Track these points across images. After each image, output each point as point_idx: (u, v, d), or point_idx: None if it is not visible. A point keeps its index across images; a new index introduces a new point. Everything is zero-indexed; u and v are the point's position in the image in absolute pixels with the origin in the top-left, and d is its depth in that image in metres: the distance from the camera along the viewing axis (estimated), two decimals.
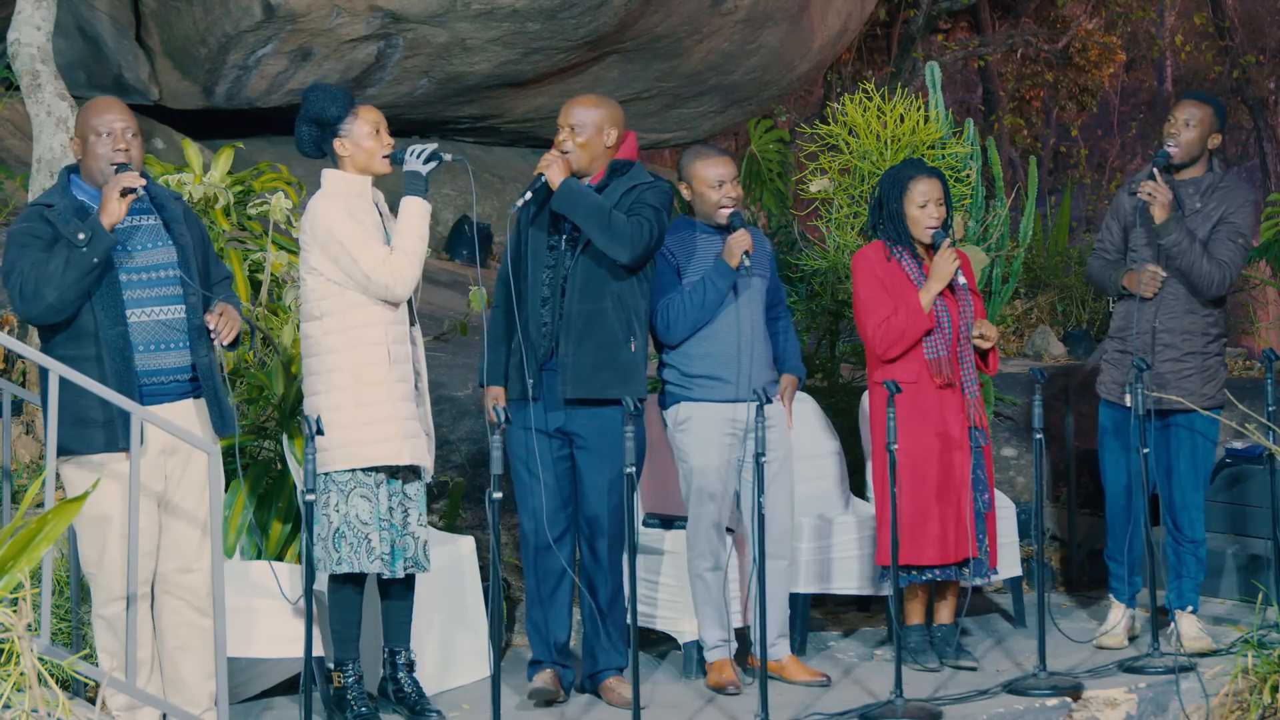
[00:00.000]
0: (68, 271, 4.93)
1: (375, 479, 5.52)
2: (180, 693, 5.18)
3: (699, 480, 6.04)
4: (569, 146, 5.85)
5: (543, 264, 5.85)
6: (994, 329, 6.36)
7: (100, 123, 5.12)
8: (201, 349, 5.15)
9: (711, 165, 6.07)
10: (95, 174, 5.13)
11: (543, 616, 5.92)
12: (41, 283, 4.94)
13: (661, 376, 6.16)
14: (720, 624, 6.11)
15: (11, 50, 7.31)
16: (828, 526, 6.62)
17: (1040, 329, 10.87)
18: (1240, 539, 7.32)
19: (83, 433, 4.97)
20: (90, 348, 5.02)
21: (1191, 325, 6.44)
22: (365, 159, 5.58)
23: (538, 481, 5.84)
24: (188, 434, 4.99)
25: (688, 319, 6.00)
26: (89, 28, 10.48)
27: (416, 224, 5.53)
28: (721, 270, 5.98)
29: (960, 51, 19.23)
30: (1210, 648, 6.35)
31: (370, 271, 5.45)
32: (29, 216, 5.11)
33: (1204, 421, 6.41)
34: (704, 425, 6.03)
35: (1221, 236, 6.41)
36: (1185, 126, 6.42)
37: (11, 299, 5.03)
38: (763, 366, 6.09)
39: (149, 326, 5.09)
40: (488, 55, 10.90)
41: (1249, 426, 6.28)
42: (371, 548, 5.50)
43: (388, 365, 5.50)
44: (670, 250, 6.08)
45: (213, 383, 5.16)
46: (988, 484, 6.34)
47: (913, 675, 6.09)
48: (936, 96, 7.48)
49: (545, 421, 5.83)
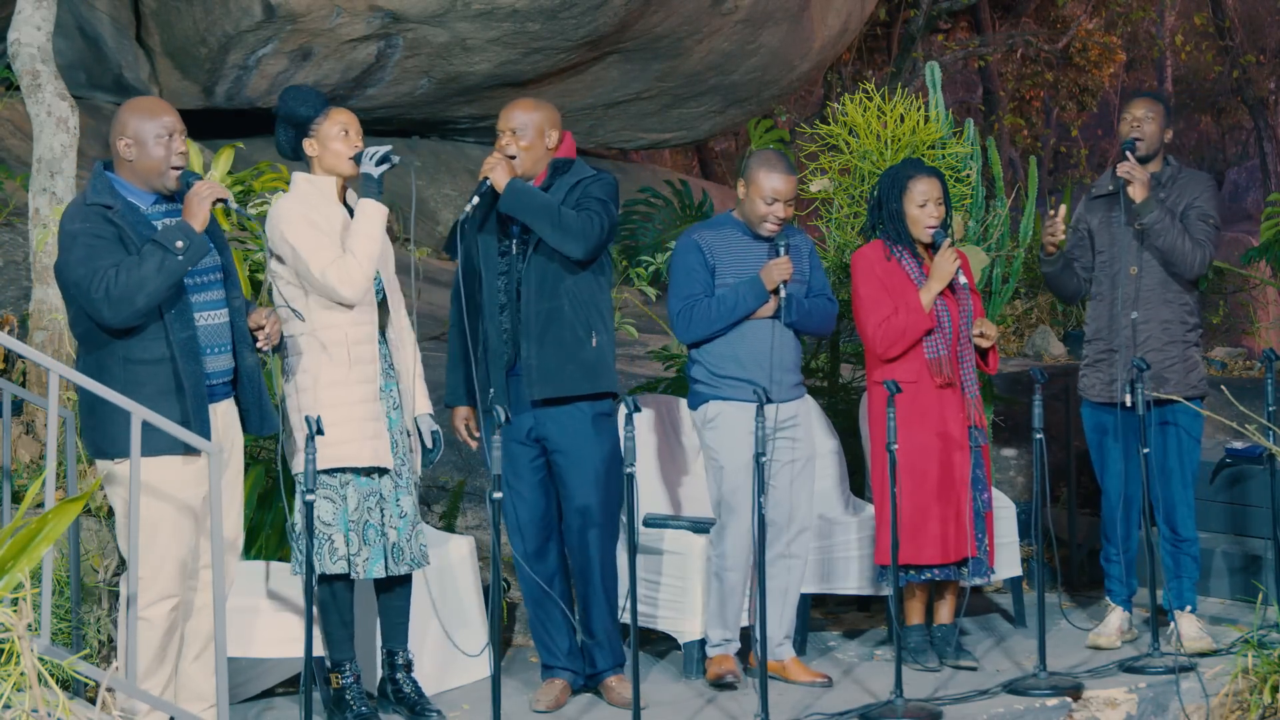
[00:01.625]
0: (160, 276, 4.92)
1: (340, 479, 5.51)
2: (190, 689, 5.19)
3: (730, 479, 6.03)
4: (513, 150, 5.82)
5: (496, 270, 5.83)
6: (994, 327, 6.37)
7: (157, 124, 5.09)
8: (247, 352, 5.21)
9: (774, 178, 6.00)
10: (151, 176, 5.11)
11: (541, 623, 5.92)
12: (134, 286, 4.92)
13: (690, 375, 6.15)
14: (726, 625, 6.10)
15: (12, 50, 7.31)
16: (828, 526, 6.62)
17: (1040, 329, 10.88)
18: (1240, 539, 7.32)
19: (150, 434, 4.90)
20: (160, 350, 5.02)
21: (1170, 315, 6.47)
22: (332, 160, 5.58)
23: (517, 495, 5.83)
24: (189, 434, 4.98)
25: (709, 325, 5.99)
26: (89, 28, 10.49)
27: (368, 226, 5.50)
28: (756, 290, 5.96)
29: (960, 51, 19.23)
30: (1210, 648, 6.35)
31: (318, 274, 5.45)
32: (89, 217, 5.04)
33: (1187, 418, 6.43)
34: (733, 423, 6.01)
35: (1192, 219, 6.49)
36: (1145, 121, 6.49)
37: (94, 302, 4.95)
38: (790, 369, 6.08)
39: (206, 330, 5.13)
40: (488, 55, 10.91)
41: (1249, 427, 6.28)
42: (335, 548, 5.48)
43: (347, 367, 5.50)
44: (708, 246, 6.05)
45: (256, 384, 5.22)
46: (987, 483, 6.34)
47: (913, 675, 6.10)
48: (937, 96, 7.48)
49: (516, 427, 5.81)
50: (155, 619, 5.04)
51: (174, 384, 5.00)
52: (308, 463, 5.13)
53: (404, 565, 5.58)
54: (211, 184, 5.04)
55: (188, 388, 5.00)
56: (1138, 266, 6.47)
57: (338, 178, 5.62)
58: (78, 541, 5.68)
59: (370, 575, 5.52)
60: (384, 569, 5.54)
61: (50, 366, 4.81)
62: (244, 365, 5.21)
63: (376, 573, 5.53)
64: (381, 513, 5.56)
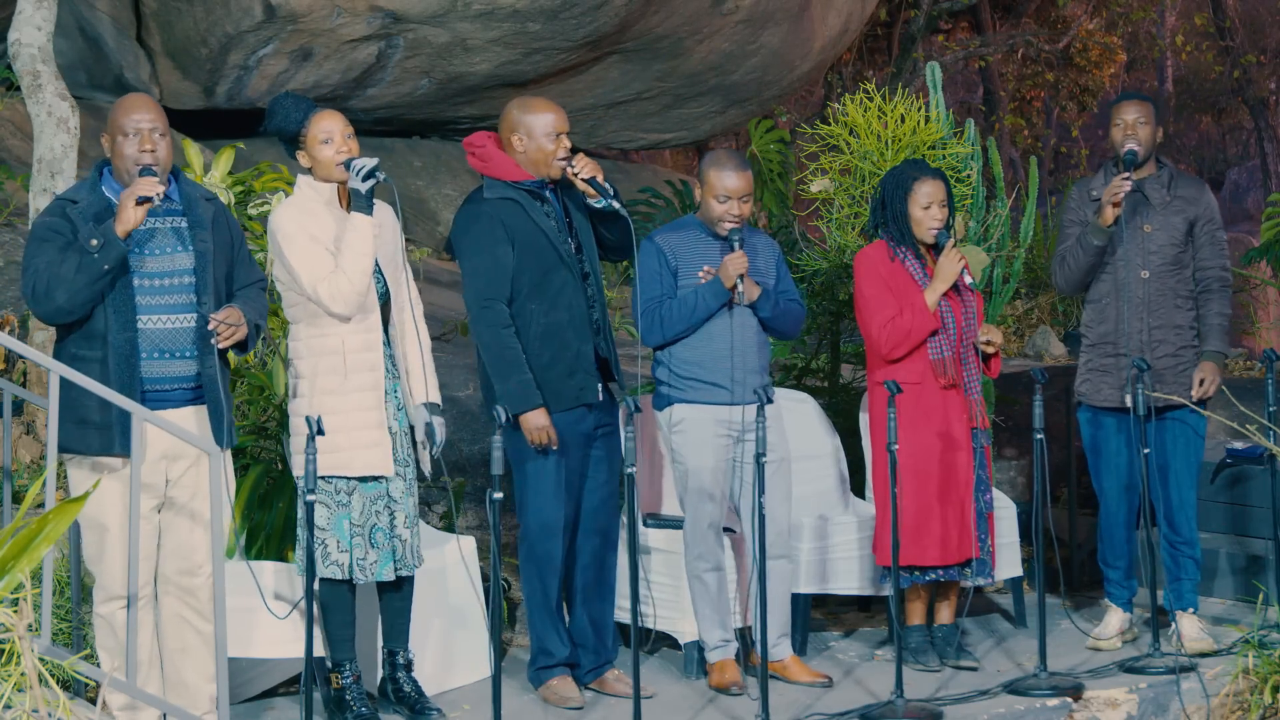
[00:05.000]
0: (79, 275, 4.91)
1: (346, 485, 5.50)
2: (181, 694, 5.18)
3: (695, 481, 6.04)
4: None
5: (573, 270, 5.85)
6: (1000, 335, 6.36)
7: (128, 122, 5.08)
8: (209, 359, 5.12)
9: (724, 176, 6.01)
10: (123, 174, 5.11)
11: (544, 619, 5.93)
12: (54, 283, 4.93)
13: (655, 376, 6.16)
14: (720, 624, 6.11)
15: (12, 50, 7.31)
16: (828, 526, 6.62)
17: (1040, 329, 10.89)
18: (1240, 539, 7.32)
19: (81, 433, 4.97)
20: (98, 350, 5.00)
21: (1181, 319, 6.47)
22: (322, 169, 5.54)
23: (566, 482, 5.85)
24: (192, 435, 4.98)
25: (670, 328, 6.00)
26: (90, 28, 10.49)
27: (358, 242, 5.45)
28: (715, 290, 5.97)
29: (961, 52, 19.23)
30: (1211, 648, 6.35)
31: (309, 289, 5.43)
32: (52, 210, 5.09)
33: (1195, 418, 6.43)
34: (699, 427, 6.03)
35: (1209, 236, 6.48)
36: (1139, 125, 6.46)
37: (25, 294, 5.02)
38: (755, 370, 6.07)
39: (158, 333, 5.06)
40: (488, 55, 10.91)
41: (1249, 427, 6.27)
42: (328, 553, 5.48)
43: (344, 376, 5.48)
44: (669, 249, 6.06)
45: (215, 393, 5.11)
46: (989, 484, 6.34)
47: (913, 675, 6.09)
48: (937, 97, 7.48)
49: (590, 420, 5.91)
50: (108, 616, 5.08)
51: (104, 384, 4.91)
52: (308, 463, 5.13)
53: (408, 567, 5.59)
54: (138, 182, 4.97)
55: (115, 389, 4.90)
56: (1148, 270, 6.45)
57: (336, 182, 5.60)
58: (78, 542, 5.67)
59: (379, 578, 5.52)
60: (393, 571, 5.54)
61: (50, 366, 4.81)
62: (204, 373, 5.12)
63: (385, 575, 5.53)
64: (391, 515, 5.55)
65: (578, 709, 5.81)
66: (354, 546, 5.48)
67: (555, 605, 5.92)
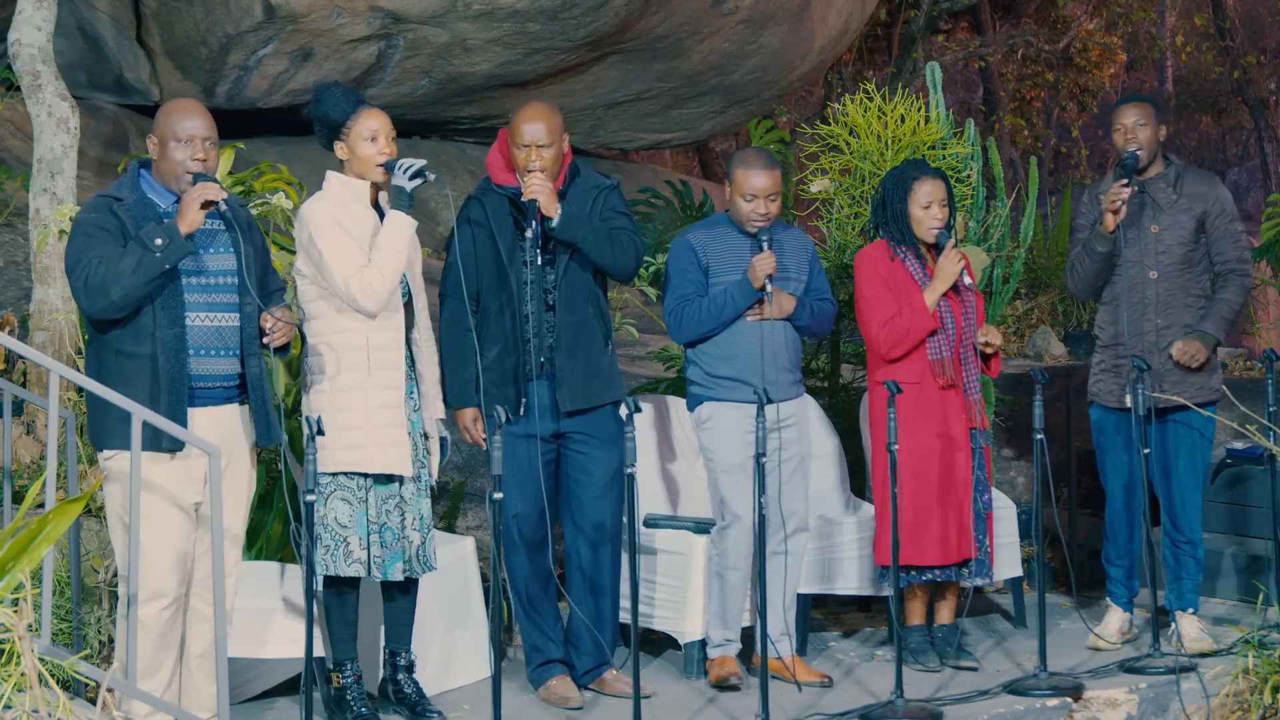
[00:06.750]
0: (137, 273, 4.95)
1: (363, 483, 5.50)
2: (194, 697, 5.19)
3: (726, 479, 6.04)
4: (538, 164, 5.79)
5: (522, 279, 5.83)
6: (999, 335, 6.36)
7: (182, 128, 5.13)
8: (252, 358, 5.19)
9: (751, 175, 6.03)
10: (169, 178, 5.15)
11: (534, 621, 5.93)
12: (110, 279, 4.96)
13: (686, 376, 6.16)
14: (728, 624, 6.11)
15: (12, 50, 7.31)
16: (828, 526, 6.62)
17: (1040, 329, 10.88)
18: (1241, 539, 7.32)
19: (128, 430, 4.95)
20: (147, 345, 5.04)
21: (1192, 319, 6.47)
22: (360, 165, 5.57)
23: (522, 491, 5.82)
24: (192, 436, 4.98)
25: (700, 326, 6.02)
26: (90, 28, 10.49)
27: (396, 239, 5.47)
28: (744, 289, 5.97)
29: (961, 52, 19.23)
30: (1211, 648, 6.35)
31: (340, 283, 5.44)
32: (97, 207, 5.11)
33: (1201, 419, 6.42)
34: (728, 424, 6.02)
35: (1222, 230, 6.44)
36: (1138, 127, 6.46)
37: (75, 290, 5.03)
38: (786, 369, 6.08)
39: (204, 331, 5.13)
40: (488, 56, 10.91)
41: (1249, 427, 6.28)
42: (349, 551, 5.47)
43: (366, 372, 5.48)
44: (701, 246, 6.07)
45: (261, 393, 5.19)
46: (988, 484, 6.34)
47: (913, 675, 6.10)
48: (937, 97, 7.48)
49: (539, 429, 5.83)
50: (145, 619, 5.04)
51: (153, 380, 5.00)
52: (308, 463, 5.13)
53: (417, 570, 5.59)
54: (204, 186, 5.04)
55: (163, 386, 5.00)
56: (1156, 271, 6.45)
57: (369, 181, 5.61)
58: (78, 542, 5.68)
59: (386, 577, 5.52)
60: (401, 572, 5.54)
61: (50, 367, 4.81)
62: (250, 372, 5.19)
63: (394, 575, 5.52)
64: (402, 515, 5.55)
65: (577, 709, 5.82)
66: (370, 545, 5.49)
67: (528, 601, 5.92)
